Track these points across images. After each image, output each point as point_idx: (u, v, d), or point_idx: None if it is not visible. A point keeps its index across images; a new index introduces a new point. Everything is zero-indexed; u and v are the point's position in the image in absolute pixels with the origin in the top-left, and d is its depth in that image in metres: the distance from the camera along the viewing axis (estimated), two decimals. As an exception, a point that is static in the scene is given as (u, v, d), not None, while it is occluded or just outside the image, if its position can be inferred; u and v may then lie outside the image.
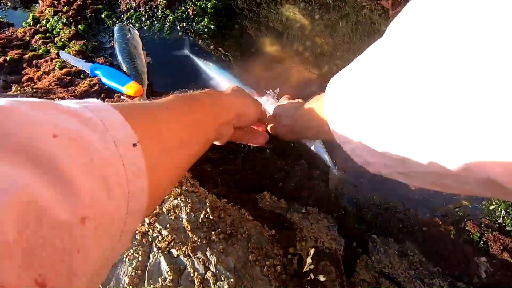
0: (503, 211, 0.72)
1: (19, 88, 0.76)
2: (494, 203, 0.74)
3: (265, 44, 1.09)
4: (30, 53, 0.92)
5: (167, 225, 0.47)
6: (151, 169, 0.22)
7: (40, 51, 0.95)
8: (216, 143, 0.46)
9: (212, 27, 1.05)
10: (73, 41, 0.97)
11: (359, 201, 0.75)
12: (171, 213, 0.49)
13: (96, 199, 0.17)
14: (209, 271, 0.42)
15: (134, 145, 0.21)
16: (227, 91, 0.48)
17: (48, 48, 0.96)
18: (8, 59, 0.89)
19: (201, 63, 0.96)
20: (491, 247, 0.66)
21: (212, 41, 1.05)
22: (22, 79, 0.85)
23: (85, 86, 0.81)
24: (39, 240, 0.13)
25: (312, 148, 0.78)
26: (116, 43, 0.94)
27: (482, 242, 0.67)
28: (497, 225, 0.71)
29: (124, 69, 0.88)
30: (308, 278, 0.46)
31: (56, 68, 0.88)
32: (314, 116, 0.44)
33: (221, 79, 0.91)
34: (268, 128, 0.64)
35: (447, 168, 0.23)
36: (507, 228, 0.70)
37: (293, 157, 0.79)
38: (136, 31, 1.00)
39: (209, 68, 0.94)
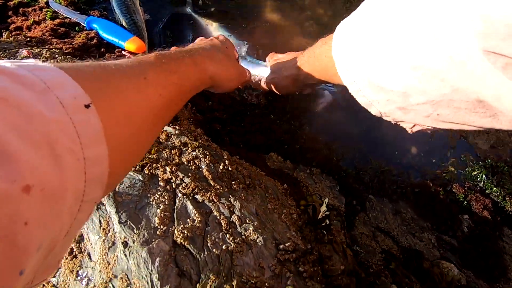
0: (484, 176, 0.80)
1: (10, 35, 0.70)
2: (476, 169, 0.82)
3: (266, 11, 1.07)
4: (16, 0, 0.84)
5: (189, 174, 0.48)
6: (111, 133, 0.20)
7: (26, -1, 0.87)
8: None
9: (214, -13, 1.01)
10: (64, -9, 0.89)
11: (358, 165, 0.79)
12: (191, 164, 0.50)
13: (39, 166, 0.15)
14: (234, 215, 0.44)
15: (87, 106, 0.18)
16: (208, 51, 0.44)
17: (35, -4, 0.88)
18: (-10, 5, 0.81)
19: (203, 22, 0.93)
20: (474, 206, 0.73)
21: (212, 1, 1.01)
22: (10, 28, 0.78)
23: (82, 39, 0.77)
24: None
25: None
26: (113, -4, 0.88)
27: (466, 202, 0.74)
28: (478, 188, 0.78)
29: (123, 24, 0.84)
30: (323, 224, 0.50)
31: (47, 18, 0.82)
32: (320, 60, 0.45)
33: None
34: (264, 85, 0.66)
35: (441, 93, 0.26)
36: (486, 191, 0.78)
37: (297, 121, 0.81)
38: (133, -14, 0.94)
39: (212, 29, 0.91)
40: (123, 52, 0.78)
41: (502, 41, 0.21)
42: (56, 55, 0.63)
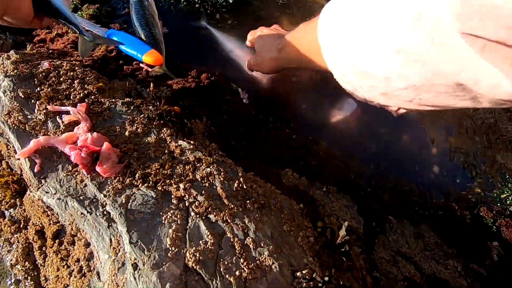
0: (514, 200, 0.75)
1: (34, 47, 0.72)
2: (505, 192, 0.76)
3: (282, 24, 1.06)
4: (41, 14, 0.87)
5: (202, 192, 0.46)
6: None
7: (51, 12, 0.90)
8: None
9: (231, 1, 1.01)
10: (86, 5, 0.92)
11: (376, 183, 0.76)
12: (205, 181, 0.48)
13: None
14: (248, 237, 0.42)
15: None
16: None
17: (59, 10, 0.91)
18: (17, 18, 0.84)
19: (219, 35, 0.93)
20: (504, 232, 0.68)
21: (230, 15, 1.02)
22: (34, 40, 0.81)
23: (102, 51, 0.78)
24: None
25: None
26: (133, 10, 0.90)
27: (495, 227, 0.69)
28: (508, 212, 0.73)
29: (142, 37, 0.85)
30: (343, 250, 0.47)
31: (69, 31, 0.84)
32: (303, 44, 0.47)
33: (240, 52, 0.89)
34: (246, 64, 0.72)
35: (423, 77, 0.26)
36: (517, 216, 0.73)
37: (313, 136, 0.78)
38: (152, 0, 0.96)
39: (227, 41, 0.92)
40: (141, 65, 0.78)
41: (479, 22, 0.20)
42: (76, 68, 0.64)
